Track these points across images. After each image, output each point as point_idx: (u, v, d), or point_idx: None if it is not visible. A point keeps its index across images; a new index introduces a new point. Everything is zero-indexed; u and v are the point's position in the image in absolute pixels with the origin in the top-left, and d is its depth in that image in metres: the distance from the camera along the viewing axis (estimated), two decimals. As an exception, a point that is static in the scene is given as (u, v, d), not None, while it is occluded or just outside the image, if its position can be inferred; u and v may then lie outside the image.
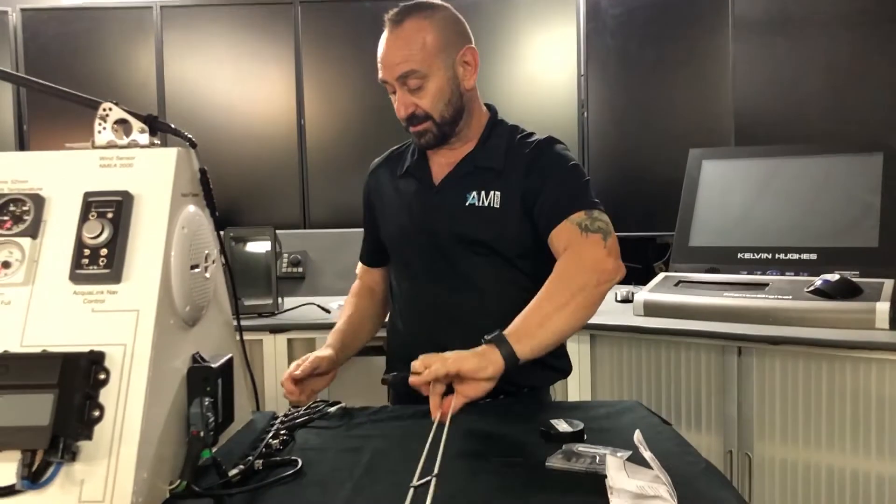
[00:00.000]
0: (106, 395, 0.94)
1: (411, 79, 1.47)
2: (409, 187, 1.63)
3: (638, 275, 3.33)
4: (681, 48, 3.26)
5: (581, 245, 1.40)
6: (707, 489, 1.00)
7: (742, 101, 3.13)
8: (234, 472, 1.06)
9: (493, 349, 1.22)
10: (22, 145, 3.61)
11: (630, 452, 1.12)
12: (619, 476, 0.97)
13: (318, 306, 2.60)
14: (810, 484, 2.03)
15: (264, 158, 3.54)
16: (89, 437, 0.91)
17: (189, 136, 1.14)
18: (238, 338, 1.33)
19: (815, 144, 2.69)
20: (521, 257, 1.54)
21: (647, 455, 0.99)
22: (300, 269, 3.04)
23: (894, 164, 2.39)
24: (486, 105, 1.65)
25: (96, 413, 0.93)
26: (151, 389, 0.96)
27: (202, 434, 1.04)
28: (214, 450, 1.06)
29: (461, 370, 1.17)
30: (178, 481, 1.00)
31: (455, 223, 1.54)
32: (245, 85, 3.58)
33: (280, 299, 2.62)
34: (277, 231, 2.69)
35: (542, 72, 3.42)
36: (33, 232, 1.02)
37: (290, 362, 2.46)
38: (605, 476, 1.01)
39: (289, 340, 2.45)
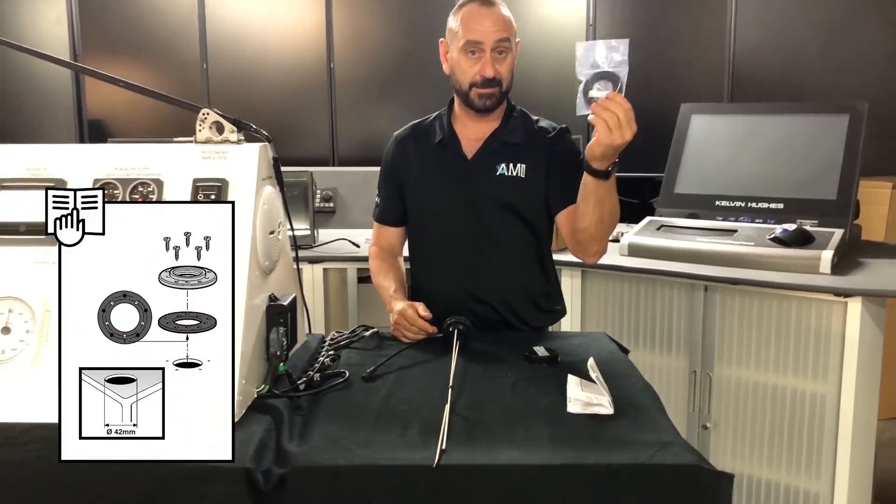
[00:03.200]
0: (216, 326, 1.34)
1: (501, 45, 1.81)
2: (443, 158, 1.94)
3: (634, 209, 3.69)
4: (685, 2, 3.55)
5: None
6: (638, 401, 1.40)
7: (739, 56, 3.43)
8: (301, 381, 1.48)
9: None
10: (78, 83, 3.97)
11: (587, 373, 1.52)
12: (575, 389, 1.38)
13: (350, 241, 2.99)
14: (758, 399, 2.45)
15: (296, 98, 3.90)
16: (206, 354, 1.32)
17: (265, 133, 1.51)
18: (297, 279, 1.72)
19: (791, 104, 3.00)
20: (536, 220, 1.92)
21: (594, 375, 1.39)
22: (331, 204, 3.43)
23: (857, 125, 2.70)
24: None
25: (210, 338, 1.33)
26: (246, 322, 1.36)
27: (279, 353, 1.45)
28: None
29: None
30: (263, 386, 1.42)
31: (489, 189, 1.89)
32: (279, 27, 3.90)
33: (315, 232, 3.02)
34: (309, 168, 3.05)
35: (552, 24, 3.71)
36: (157, 207, 1.40)
37: (325, 290, 2.88)
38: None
39: (324, 270, 2.86)
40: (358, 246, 2.93)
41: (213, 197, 1.39)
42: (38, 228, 1.36)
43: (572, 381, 1.42)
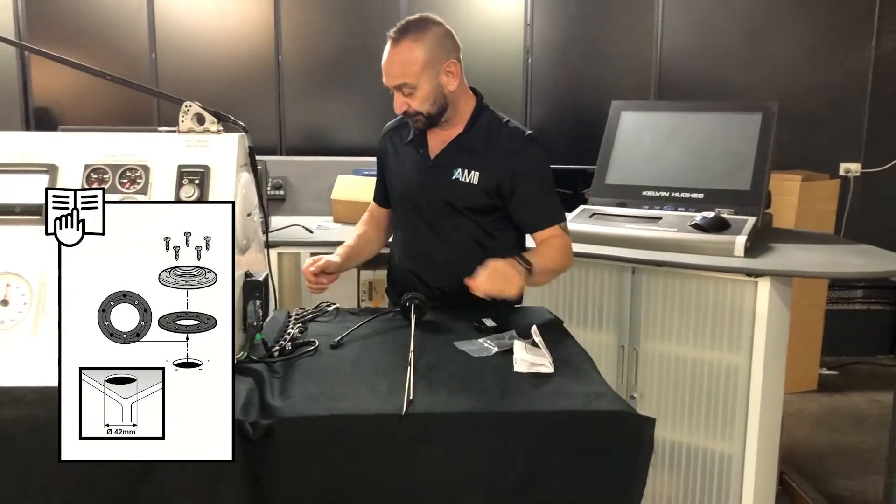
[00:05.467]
0: (202, 298, 1.49)
1: (405, 88, 1.93)
2: (411, 156, 2.10)
3: (568, 199, 3.94)
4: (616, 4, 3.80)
5: (566, 240, 2.10)
6: (574, 361, 1.61)
7: (665, 58, 3.70)
8: (275, 349, 1.64)
9: (522, 276, 1.84)
10: (24, 70, 3.99)
11: (531, 339, 1.72)
12: (521, 352, 1.58)
13: (303, 227, 3.13)
14: (679, 371, 2.70)
15: (244, 89, 4.01)
16: (193, 323, 1.47)
17: (242, 123, 1.66)
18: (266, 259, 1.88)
19: (711, 102, 3.28)
20: (486, 221, 2.07)
21: (538, 340, 1.60)
22: (282, 192, 3.56)
23: (769, 123, 2.97)
24: (473, 90, 2.08)
25: (197, 309, 1.48)
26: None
27: (255, 324, 1.60)
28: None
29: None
30: (242, 353, 1.58)
31: (443, 192, 2.05)
32: (228, 19, 4.00)
33: (269, 219, 3.15)
34: (263, 157, 3.18)
35: (491, 20, 3.91)
36: (144, 191, 1.54)
37: (280, 274, 3.02)
38: (513, 351, 1.62)
39: (279, 255, 3.00)
40: (311, 231, 3.07)
41: (196, 182, 1.54)
42: (32, 209, 1.50)
43: (518, 346, 1.61)
